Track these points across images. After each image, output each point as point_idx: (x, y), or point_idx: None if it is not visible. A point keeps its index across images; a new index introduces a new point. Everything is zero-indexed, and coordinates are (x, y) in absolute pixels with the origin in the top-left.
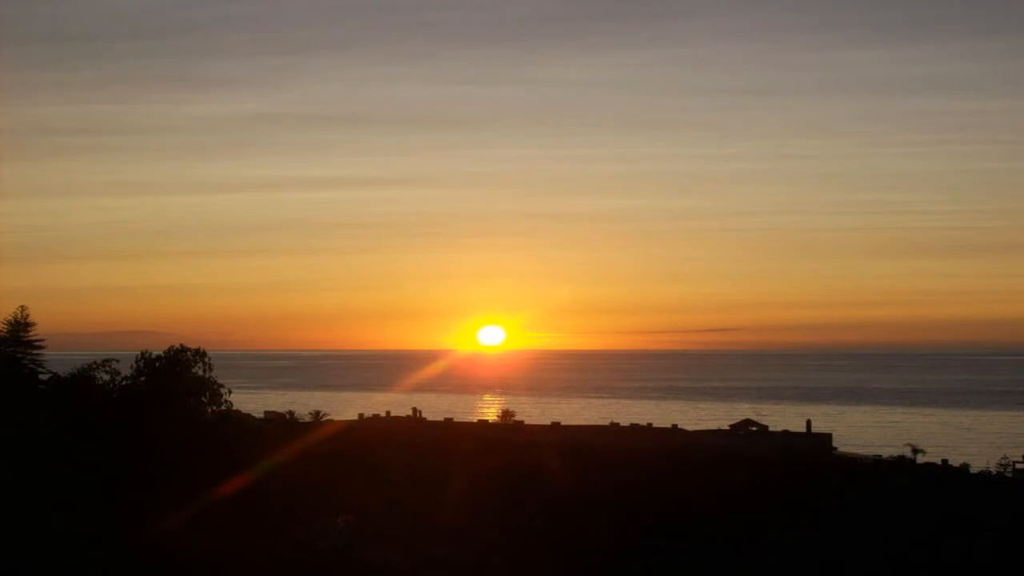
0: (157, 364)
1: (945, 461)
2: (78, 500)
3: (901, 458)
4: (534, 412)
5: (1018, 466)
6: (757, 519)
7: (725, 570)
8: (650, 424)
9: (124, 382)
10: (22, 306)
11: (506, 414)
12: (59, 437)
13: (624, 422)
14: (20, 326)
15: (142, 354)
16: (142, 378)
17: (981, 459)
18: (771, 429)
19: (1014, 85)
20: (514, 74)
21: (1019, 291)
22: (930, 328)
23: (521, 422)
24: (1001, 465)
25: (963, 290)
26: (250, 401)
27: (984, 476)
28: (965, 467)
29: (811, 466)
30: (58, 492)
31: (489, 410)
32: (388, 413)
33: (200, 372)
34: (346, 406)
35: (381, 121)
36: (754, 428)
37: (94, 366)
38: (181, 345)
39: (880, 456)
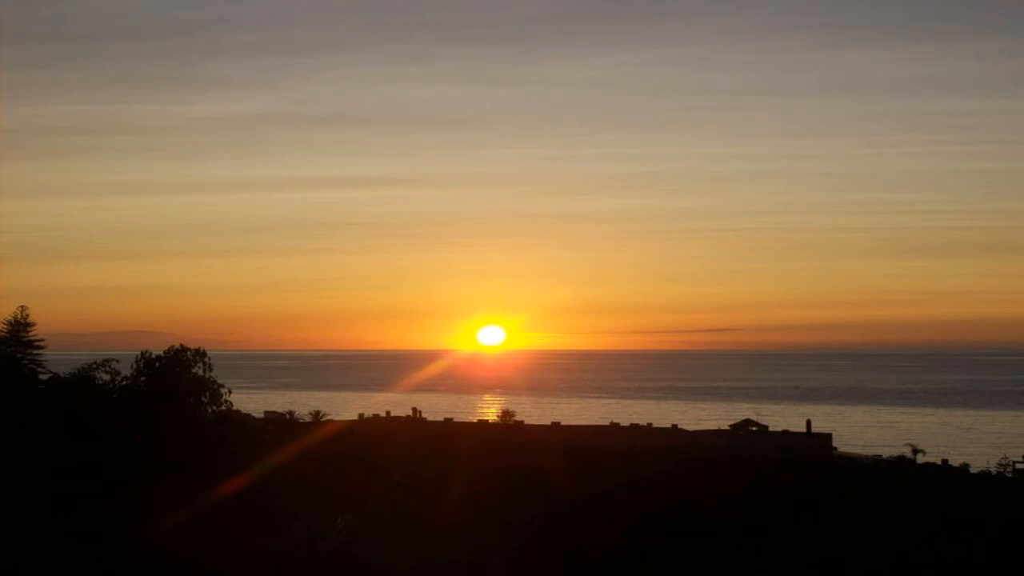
0: (157, 364)
1: (945, 461)
2: (78, 500)
3: (901, 458)
4: (534, 412)
5: (1018, 466)
6: (757, 519)
7: (725, 570)
8: (650, 424)
9: (124, 382)
10: (22, 306)
11: (506, 414)
12: (59, 437)
13: (624, 422)
14: (20, 326)
15: (142, 354)
16: (142, 378)
17: (981, 459)
18: (771, 429)
19: (1014, 85)
20: (514, 74)
21: (1019, 291)
22: (930, 328)
23: (521, 422)
24: (1001, 465)
25: (963, 290)
26: (250, 401)
27: (984, 476)
28: (965, 467)
29: (811, 466)
30: (58, 492)
31: (489, 410)
32: (388, 413)
33: (200, 372)
34: (346, 406)
35: (381, 121)
36: (754, 428)
37: (94, 366)
38: (181, 345)
39: (880, 456)
